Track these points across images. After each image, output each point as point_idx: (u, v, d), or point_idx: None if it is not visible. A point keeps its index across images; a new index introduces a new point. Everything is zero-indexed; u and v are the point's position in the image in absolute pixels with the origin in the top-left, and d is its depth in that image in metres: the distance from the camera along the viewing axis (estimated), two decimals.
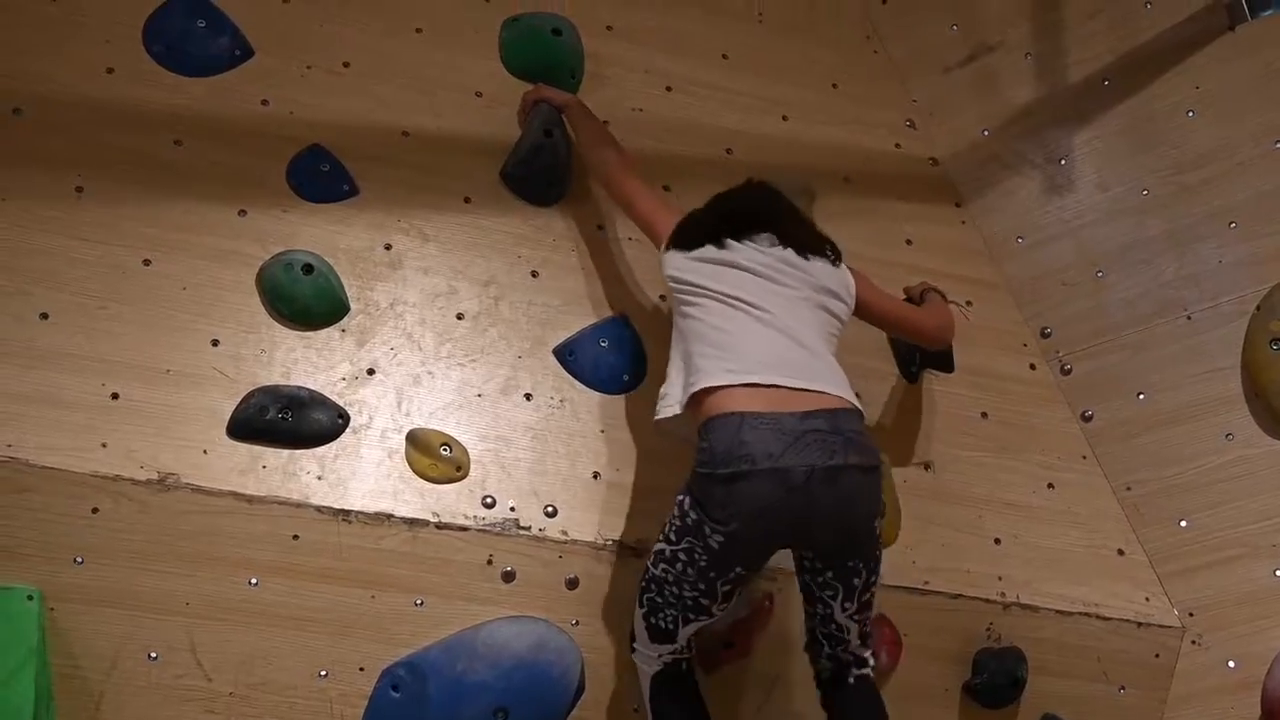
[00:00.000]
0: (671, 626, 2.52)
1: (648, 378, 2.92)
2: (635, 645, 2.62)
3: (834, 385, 2.48)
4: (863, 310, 2.71)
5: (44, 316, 2.59)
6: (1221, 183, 3.12)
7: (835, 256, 2.68)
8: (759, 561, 2.54)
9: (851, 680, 2.59)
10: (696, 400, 2.47)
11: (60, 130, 2.75)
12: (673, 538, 2.46)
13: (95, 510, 2.48)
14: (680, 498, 2.46)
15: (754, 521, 2.37)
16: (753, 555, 2.48)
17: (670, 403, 2.53)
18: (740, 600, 2.70)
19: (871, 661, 2.62)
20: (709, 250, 2.60)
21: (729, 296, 2.53)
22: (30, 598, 2.43)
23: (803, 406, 2.40)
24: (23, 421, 2.49)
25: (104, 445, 2.52)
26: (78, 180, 2.72)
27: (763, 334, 2.50)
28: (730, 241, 2.60)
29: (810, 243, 2.66)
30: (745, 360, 2.45)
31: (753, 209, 2.69)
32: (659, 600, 2.51)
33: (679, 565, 2.45)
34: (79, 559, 2.48)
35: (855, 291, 2.67)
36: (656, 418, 2.57)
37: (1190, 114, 3.17)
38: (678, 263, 2.62)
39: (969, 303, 3.22)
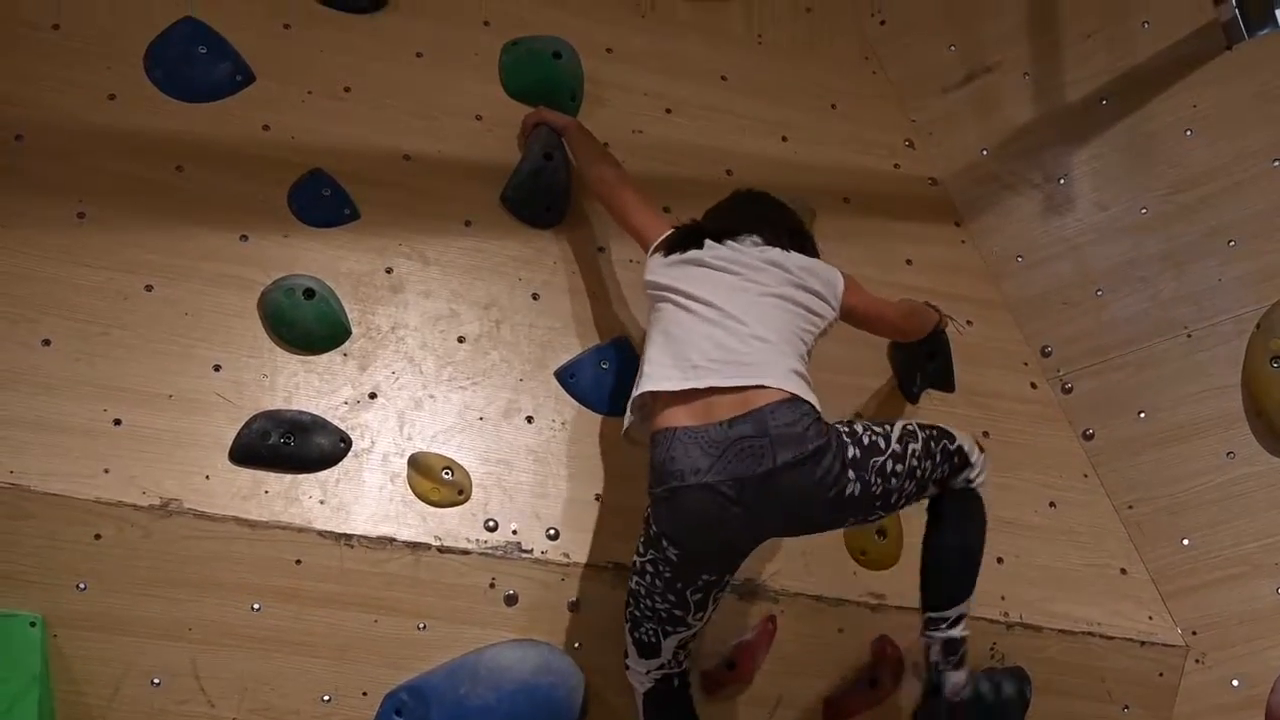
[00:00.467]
0: (653, 640, 2.52)
1: None
2: (627, 663, 2.62)
3: (773, 375, 2.40)
4: (847, 312, 2.70)
5: (46, 343, 2.60)
6: (1220, 201, 3.12)
7: (816, 254, 2.70)
8: (726, 568, 2.49)
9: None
10: (643, 405, 2.50)
11: (62, 157, 2.77)
12: (640, 549, 2.48)
13: (98, 536, 2.49)
14: (646, 511, 2.47)
15: (698, 535, 2.39)
16: (714, 564, 2.46)
17: (630, 410, 2.54)
18: (721, 616, 2.68)
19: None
20: (686, 254, 2.60)
21: (685, 295, 2.53)
22: (33, 624, 2.44)
23: (730, 412, 2.37)
24: (25, 448, 2.50)
25: (106, 471, 2.53)
26: (80, 206, 2.73)
27: (706, 331, 2.47)
28: (708, 243, 2.61)
29: (793, 240, 2.66)
30: (683, 361, 2.45)
31: (736, 211, 2.72)
32: (638, 614, 2.52)
33: (648, 578, 2.46)
34: (82, 585, 2.48)
35: (842, 292, 2.64)
36: (624, 428, 2.57)
37: (1188, 133, 3.18)
38: (653, 267, 2.64)
39: (969, 323, 3.23)
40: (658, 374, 2.47)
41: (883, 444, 2.45)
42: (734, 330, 2.47)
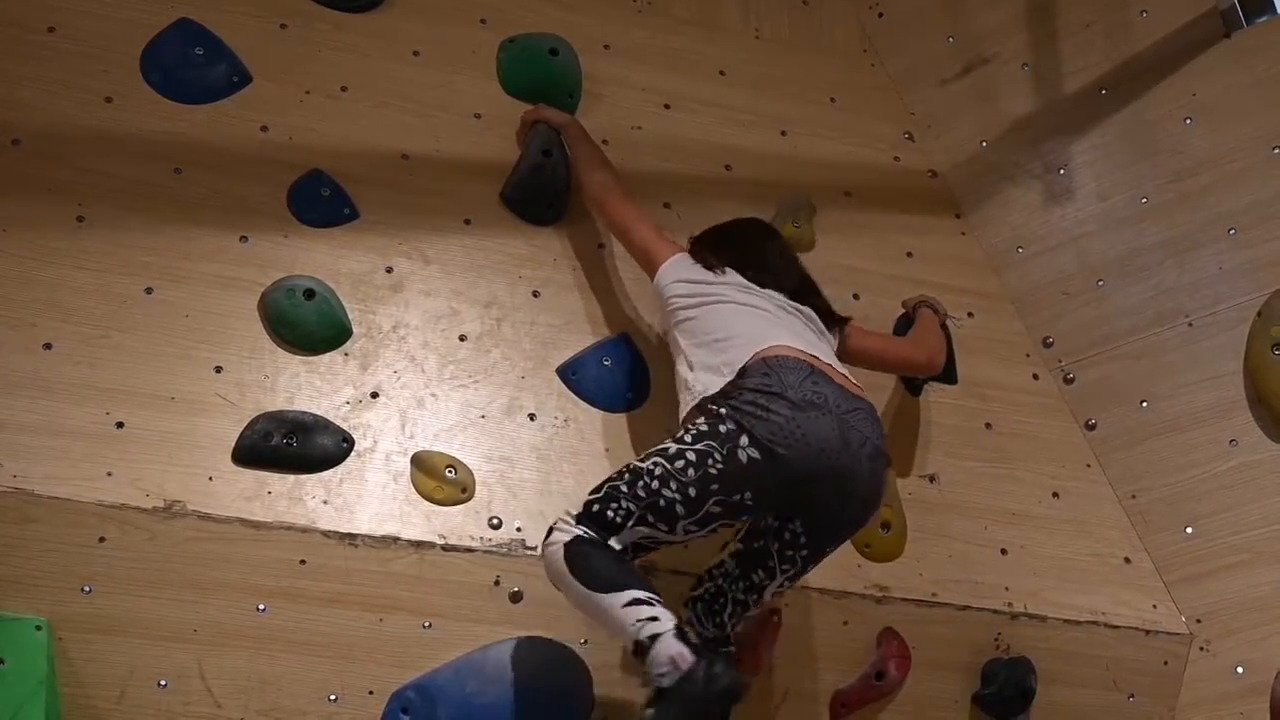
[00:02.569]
0: (620, 520, 2.34)
1: (651, 396, 2.93)
2: (556, 523, 2.39)
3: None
4: (853, 357, 2.76)
5: (48, 347, 2.60)
6: (1220, 189, 3.13)
7: (827, 313, 2.74)
8: (759, 505, 2.40)
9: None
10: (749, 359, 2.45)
11: (60, 160, 2.76)
12: (688, 440, 2.37)
13: (102, 539, 2.49)
14: (712, 407, 2.39)
15: (805, 455, 2.31)
16: (766, 491, 2.36)
17: (706, 384, 2.46)
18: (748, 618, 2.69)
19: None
20: (717, 274, 2.66)
21: (737, 302, 2.59)
22: (39, 628, 2.43)
23: (851, 390, 2.47)
24: (29, 452, 2.50)
25: (110, 474, 2.52)
26: (79, 210, 2.73)
27: (786, 323, 2.57)
28: (732, 272, 2.66)
29: (804, 293, 2.72)
30: (782, 333, 2.51)
31: (758, 249, 2.75)
32: (623, 490, 2.36)
33: (681, 464, 2.34)
34: (87, 588, 2.48)
35: (839, 346, 2.72)
36: (700, 398, 2.46)
37: (1188, 121, 3.18)
38: (684, 273, 2.66)
39: (969, 314, 3.23)
40: (766, 337, 2.47)
41: None
42: (806, 333, 2.57)
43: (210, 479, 2.58)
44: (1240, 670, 3.02)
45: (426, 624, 2.64)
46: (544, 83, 3.15)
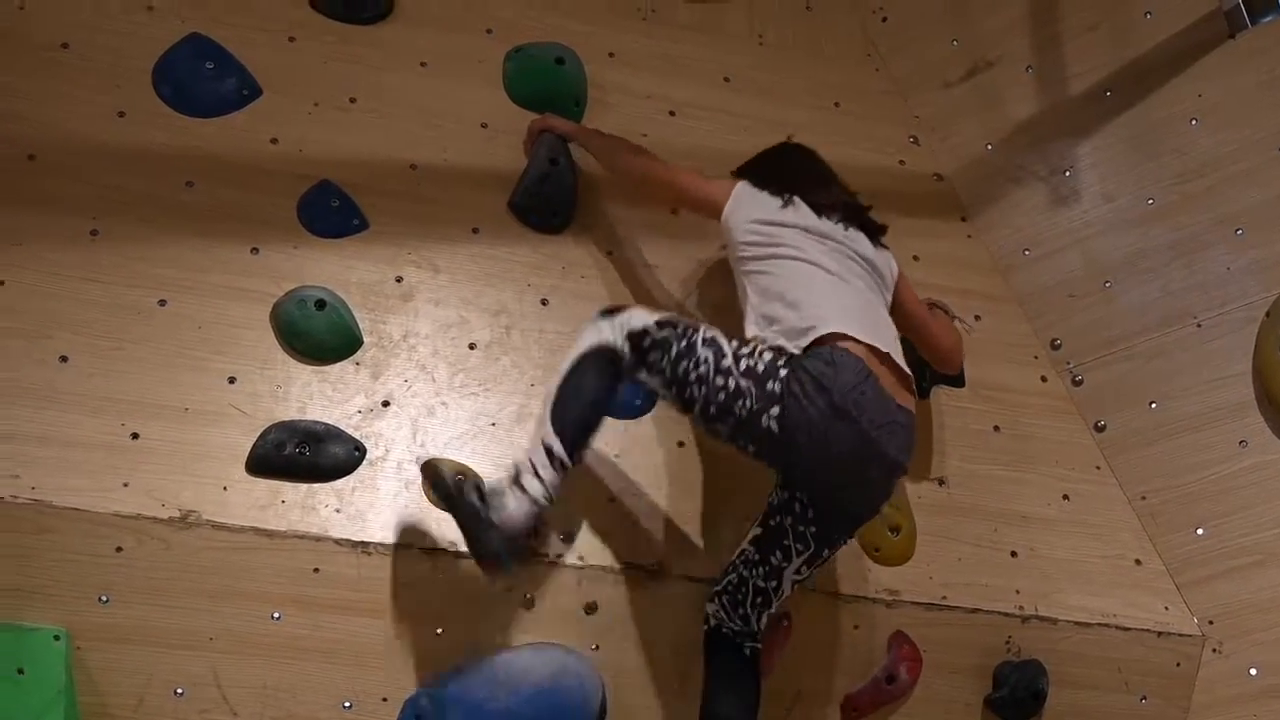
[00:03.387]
0: (650, 366, 2.52)
1: (660, 402, 2.94)
2: (619, 316, 2.56)
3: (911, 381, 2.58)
4: (895, 308, 2.76)
5: (63, 359, 2.63)
6: (1227, 190, 3.12)
7: (874, 229, 2.77)
8: (757, 457, 2.51)
9: (747, 652, 2.62)
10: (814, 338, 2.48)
11: (74, 175, 2.79)
12: (741, 367, 2.43)
13: (119, 549, 2.52)
14: (778, 360, 2.43)
15: (817, 455, 2.39)
16: (768, 457, 2.49)
17: (769, 339, 2.50)
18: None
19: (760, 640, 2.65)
20: (785, 205, 2.67)
21: (810, 261, 2.60)
22: (57, 638, 2.46)
23: (895, 393, 2.48)
24: (45, 463, 2.52)
25: (125, 485, 2.55)
26: (92, 224, 2.76)
27: (857, 299, 2.60)
28: (799, 202, 2.68)
29: (853, 212, 2.74)
30: (851, 316, 2.52)
31: (821, 185, 2.76)
32: (671, 354, 2.48)
33: (720, 380, 2.43)
34: (104, 598, 2.51)
35: (896, 278, 2.76)
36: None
37: (1193, 122, 3.18)
38: (754, 210, 2.67)
39: (977, 318, 3.24)
40: (835, 320, 2.48)
41: None
42: (867, 293, 2.61)
43: (224, 489, 2.61)
44: (1254, 671, 3.01)
45: (439, 630, 2.66)
46: (550, 92, 3.17)
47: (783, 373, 2.41)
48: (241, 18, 3.05)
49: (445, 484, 2.46)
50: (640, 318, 2.56)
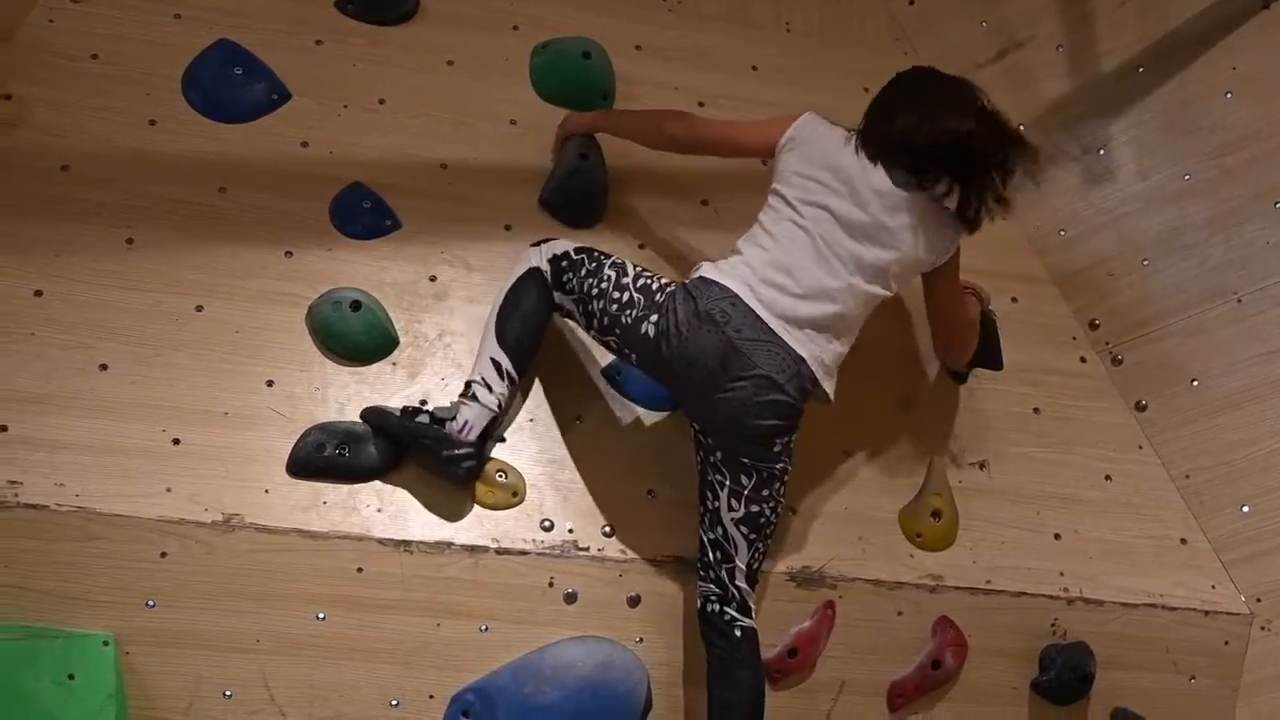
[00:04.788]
0: (565, 286, 2.66)
1: None
2: (540, 247, 2.72)
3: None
4: (927, 290, 2.78)
5: (103, 368, 2.65)
6: (1264, 163, 3.08)
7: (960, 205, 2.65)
8: (642, 367, 2.64)
9: (738, 633, 2.58)
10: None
11: (107, 184, 2.82)
12: (638, 284, 2.58)
13: (164, 554, 2.54)
14: (681, 281, 2.59)
15: (679, 360, 2.51)
16: (646, 366, 2.62)
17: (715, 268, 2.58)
18: (779, 605, 2.74)
19: (754, 615, 2.62)
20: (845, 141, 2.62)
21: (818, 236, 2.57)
22: (106, 643, 2.48)
23: (775, 330, 2.51)
24: (89, 471, 2.55)
25: (168, 490, 2.57)
26: (128, 232, 2.78)
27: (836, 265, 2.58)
28: (865, 162, 2.58)
29: (927, 168, 2.58)
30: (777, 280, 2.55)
31: (921, 136, 2.56)
32: (582, 272, 2.64)
33: (616, 294, 2.58)
34: (151, 602, 2.53)
35: (940, 262, 2.70)
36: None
37: (1228, 95, 3.14)
38: (797, 164, 2.63)
39: (1014, 299, 3.21)
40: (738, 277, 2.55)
41: None
42: (843, 272, 2.57)
43: (266, 491, 2.62)
44: None
45: (483, 627, 2.67)
46: (577, 86, 3.17)
47: (669, 289, 2.57)
48: (268, 22, 3.07)
49: (393, 418, 2.63)
50: (562, 245, 2.72)
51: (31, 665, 2.40)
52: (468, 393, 2.63)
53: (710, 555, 2.61)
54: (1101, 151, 3.30)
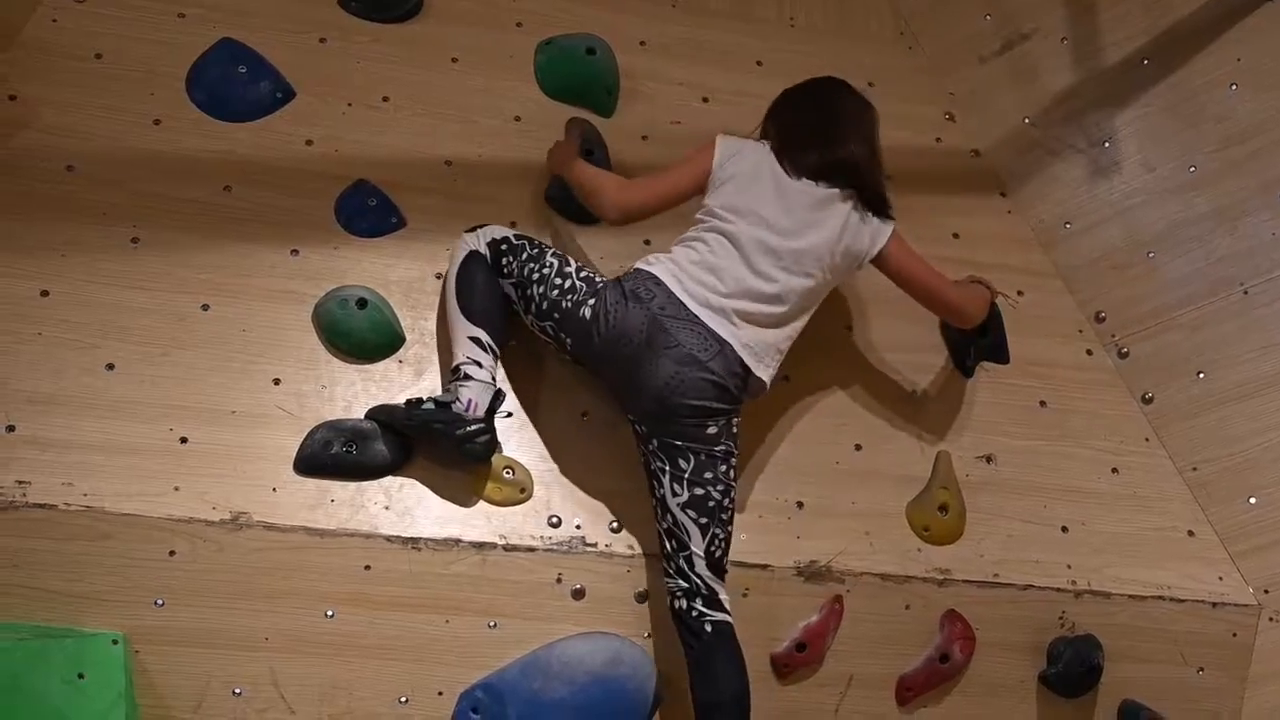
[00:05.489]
0: (503, 271, 2.70)
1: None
2: (472, 233, 2.75)
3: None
4: (892, 273, 2.78)
5: (110, 367, 2.65)
6: (1270, 155, 3.07)
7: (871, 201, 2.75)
8: (575, 355, 2.71)
9: (709, 628, 2.56)
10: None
11: (113, 184, 2.82)
12: (581, 273, 2.65)
13: (172, 553, 2.54)
14: (615, 277, 2.66)
15: (608, 338, 2.58)
16: (579, 351, 2.66)
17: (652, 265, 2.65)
18: (788, 600, 2.73)
19: (728, 606, 2.59)
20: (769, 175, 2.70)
21: (734, 235, 2.64)
22: (115, 642, 2.49)
23: (698, 315, 2.58)
24: (98, 471, 2.56)
25: (176, 489, 2.58)
26: (133, 232, 2.79)
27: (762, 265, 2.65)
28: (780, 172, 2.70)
29: (836, 172, 2.72)
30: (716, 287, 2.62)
31: (823, 140, 2.74)
32: (523, 256, 2.68)
33: (559, 280, 2.64)
34: (160, 601, 2.54)
35: (875, 253, 2.75)
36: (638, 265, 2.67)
37: (1233, 87, 3.14)
38: (716, 195, 2.71)
39: (1020, 293, 3.21)
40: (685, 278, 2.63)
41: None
42: (766, 280, 2.63)
43: (274, 489, 2.63)
44: None
45: (492, 624, 2.67)
46: (582, 82, 3.17)
47: (611, 282, 2.65)
48: (272, 21, 3.07)
49: (399, 411, 2.66)
50: (501, 230, 2.76)
51: (41, 664, 2.40)
52: (459, 375, 2.64)
53: (668, 545, 2.62)
54: (1106, 144, 3.29)
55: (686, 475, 2.58)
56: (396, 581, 2.64)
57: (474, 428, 2.59)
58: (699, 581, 2.58)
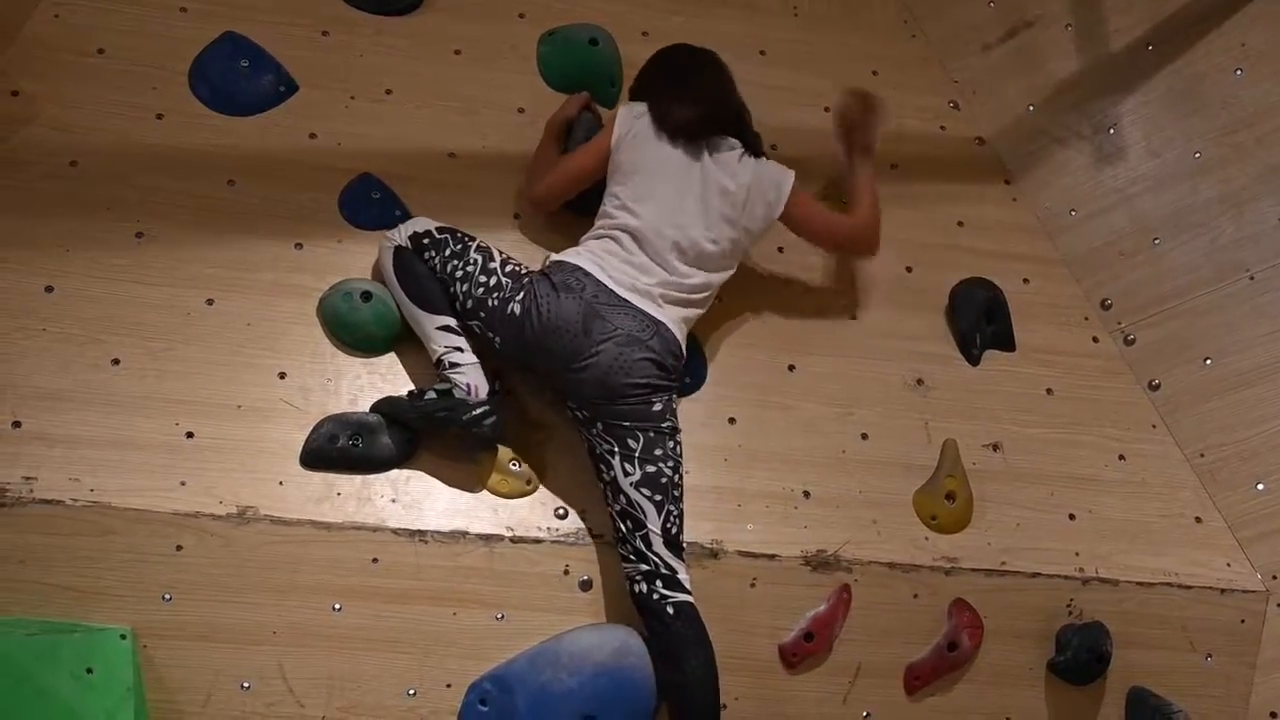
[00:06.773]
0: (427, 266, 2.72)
1: (708, 379, 2.94)
2: (391, 234, 2.76)
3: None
4: (796, 226, 2.88)
5: (116, 362, 2.65)
6: (1276, 140, 3.06)
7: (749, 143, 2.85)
8: (503, 355, 2.68)
9: (670, 610, 2.57)
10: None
11: (116, 179, 2.82)
12: (505, 269, 2.67)
13: (179, 548, 2.54)
14: (542, 270, 2.68)
15: (542, 331, 2.59)
16: (509, 346, 2.65)
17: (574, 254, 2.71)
18: (796, 589, 2.73)
19: (688, 586, 2.61)
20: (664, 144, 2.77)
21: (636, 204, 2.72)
22: (123, 637, 2.49)
23: (628, 299, 2.63)
24: (103, 466, 2.56)
25: (183, 484, 2.58)
26: (137, 226, 2.79)
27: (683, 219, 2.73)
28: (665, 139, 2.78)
29: (709, 125, 2.82)
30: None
31: (698, 104, 2.81)
32: (446, 252, 2.69)
33: (484, 277, 2.65)
34: (167, 596, 2.54)
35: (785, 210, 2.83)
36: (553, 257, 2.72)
37: (1238, 72, 3.12)
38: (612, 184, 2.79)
39: (1026, 280, 3.20)
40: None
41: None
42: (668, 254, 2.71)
43: (280, 483, 2.63)
44: None
45: (499, 615, 2.67)
46: (585, 73, 3.17)
47: (537, 275, 2.67)
48: (275, 14, 3.07)
49: (404, 403, 2.67)
50: (423, 223, 2.77)
51: (50, 660, 2.41)
52: (445, 366, 2.65)
53: (623, 527, 2.62)
54: (1111, 130, 3.28)
55: (637, 454, 2.59)
56: (404, 574, 2.64)
57: (479, 411, 2.60)
58: (658, 561, 2.59)
